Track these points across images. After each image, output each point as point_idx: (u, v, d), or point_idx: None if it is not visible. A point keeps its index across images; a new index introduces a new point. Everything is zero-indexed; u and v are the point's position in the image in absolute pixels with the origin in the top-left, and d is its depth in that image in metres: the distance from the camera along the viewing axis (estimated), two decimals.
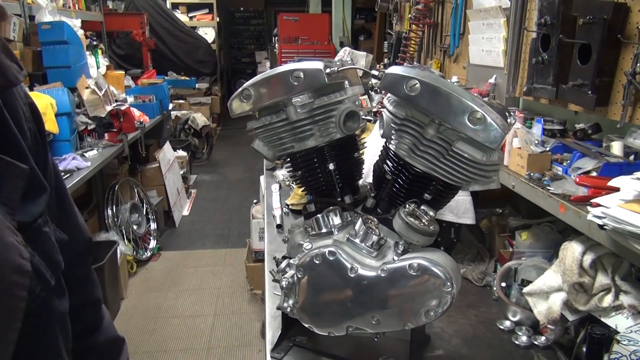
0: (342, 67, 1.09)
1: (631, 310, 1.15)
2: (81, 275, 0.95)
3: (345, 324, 1.08)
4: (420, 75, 0.95)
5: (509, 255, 1.63)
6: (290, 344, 1.30)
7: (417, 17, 3.00)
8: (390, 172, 1.08)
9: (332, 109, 1.09)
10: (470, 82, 2.33)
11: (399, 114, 1.02)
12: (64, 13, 4.01)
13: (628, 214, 0.95)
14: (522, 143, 1.44)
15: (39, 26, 3.44)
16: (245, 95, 1.10)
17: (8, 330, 0.61)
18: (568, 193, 1.23)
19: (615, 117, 1.32)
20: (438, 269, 0.98)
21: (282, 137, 1.12)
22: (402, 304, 1.01)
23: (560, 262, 1.25)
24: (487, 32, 2.10)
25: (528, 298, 1.40)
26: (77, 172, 2.93)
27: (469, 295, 1.64)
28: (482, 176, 0.99)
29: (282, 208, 2.25)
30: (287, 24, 7.09)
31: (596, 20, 1.29)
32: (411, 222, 0.99)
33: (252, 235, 3.52)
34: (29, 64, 3.41)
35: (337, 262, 1.04)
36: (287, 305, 1.13)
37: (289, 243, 1.23)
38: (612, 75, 1.33)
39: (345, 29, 7.64)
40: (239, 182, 6.50)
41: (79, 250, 0.93)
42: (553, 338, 1.35)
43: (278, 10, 9.74)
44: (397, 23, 3.79)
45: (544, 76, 1.58)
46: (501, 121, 0.92)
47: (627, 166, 1.23)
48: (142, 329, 3.33)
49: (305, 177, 1.18)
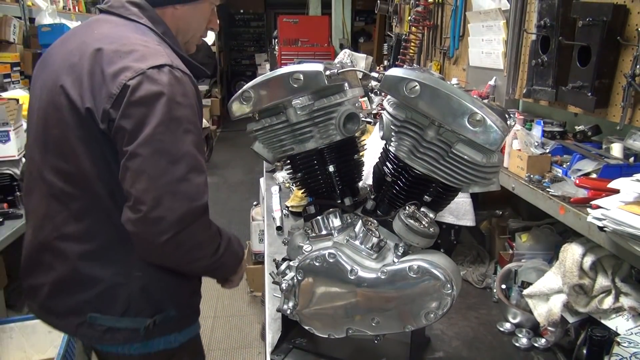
0: (342, 69, 1.09)
1: (631, 312, 1.14)
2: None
3: (345, 326, 1.08)
4: (420, 77, 0.95)
5: (509, 257, 1.62)
6: (290, 346, 1.29)
7: (417, 19, 3.00)
8: (390, 174, 1.08)
9: (332, 111, 1.09)
10: (470, 84, 2.33)
11: (398, 116, 1.02)
12: (64, 15, 4.02)
13: (628, 215, 0.95)
14: (522, 145, 1.44)
15: (39, 28, 3.45)
16: (245, 98, 1.10)
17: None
18: (568, 195, 1.23)
19: (615, 118, 1.32)
20: (438, 271, 0.98)
21: (282, 139, 1.12)
22: (402, 306, 1.01)
23: (561, 264, 1.25)
24: (486, 34, 2.10)
25: (528, 300, 1.39)
26: None
27: (469, 297, 1.64)
28: (482, 178, 0.99)
29: (282, 210, 2.25)
30: (287, 26, 7.09)
31: (596, 22, 1.29)
32: (411, 224, 0.99)
33: (252, 237, 3.52)
34: (29, 66, 3.42)
35: (337, 264, 1.04)
36: (287, 307, 1.13)
37: (289, 245, 1.23)
38: (611, 77, 1.33)
39: (345, 31, 7.64)
40: (239, 184, 6.49)
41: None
42: (553, 340, 1.35)
43: (278, 12, 9.74)
44: (397, 25, 3.79)
45: (543, 78, 1.58)
46: (501, 123, 0.92)
47: (627, 168, 1.22)
48: None
49: (305, 179, 1.18)
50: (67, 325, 1.22)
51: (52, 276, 1.18)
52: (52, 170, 1.14)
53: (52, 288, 1.19)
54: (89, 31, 1.18)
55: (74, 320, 1.19)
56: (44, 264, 1.20)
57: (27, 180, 1.23)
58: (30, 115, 1.23)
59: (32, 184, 1.20)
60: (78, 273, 1.16)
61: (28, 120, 1.25)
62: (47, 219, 1.17)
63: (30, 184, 1.21)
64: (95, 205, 1.14)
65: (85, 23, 1.27)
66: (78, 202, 1.14)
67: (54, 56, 1.19)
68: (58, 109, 1.11)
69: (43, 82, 1.17)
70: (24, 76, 3.35)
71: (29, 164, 1.22)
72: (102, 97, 1.06)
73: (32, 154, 1.20)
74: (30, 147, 1.22)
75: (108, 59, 1.07)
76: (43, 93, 1.16)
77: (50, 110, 1.13)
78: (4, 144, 2.24)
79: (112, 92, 1.04)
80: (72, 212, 1.14)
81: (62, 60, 1.14)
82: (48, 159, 1.15)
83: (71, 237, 1.15)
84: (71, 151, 1.11)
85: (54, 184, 1.14)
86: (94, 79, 1.07)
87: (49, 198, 1.16)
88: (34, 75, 1.25)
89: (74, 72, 1.10)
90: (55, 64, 1.15)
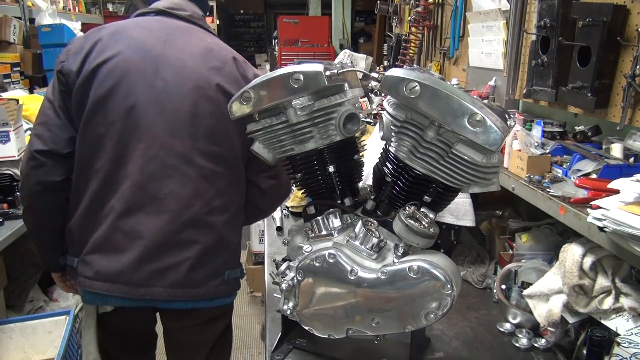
0: (342, 70, 1.09)
1: (631, 313, 1.14)
2: None
3: (345, 327, 1.08)
4: (420, 77, 0.95)
5: (509, 257, 1.63)
6: (290, 346, 1.30)
7: (417, 19, 3.00)
8: (390, 175, 1.08)
9: (332, 112, 1.09)
10: (470, 84, 2.33)
11: (398, 117, 1.02)
12: (64, 16, 4.02)
13: (628, 216, 0.95)
14: (522, 145, 1.44)
15: (39, 29, 3.45)
16: (245, 98, 1.10)
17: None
18: (568, 195, 1.23)
19: (615, 119, 1.32)
20: (438, 271, 0.98)
21: (282, 139, 1.12)
22: (402, 307, 1.01)
23: (561, 265, 1.25)
24: (486, 34, 2.10)
25: (528, 300, 1.39)
26: None
27: (469, 297, 1.64)
28: (482, 178, 0.99)
29: (282, 210, 2.25)
30: (287, 26, 7.10)
31: (596, 22, 1.29)
32: (411, 224, 0.99)
33: (251, 238, 3.52)
34: (29, 67, 3.42)
35: (337, 264, 1.04)
36: (287, 307, 1.13)
37: (289, 245, 1.23)
38: (611, 77, 1.33)
39: (345, 31, 7.65)
40: None
41: None
42: (553, 340, 1.35)
43: (278, 12, 9.75)
44: (397, 25, 3.79)
45: (543, 78, 1.58)
46: (501, 123, 0.92)
47: (627, 168, 1.23)
48: None
49: (305, 179, 1.18)
50: (206, 292, 1.37)
51: (196, 249, 1.33)
52: (203, 154, 1.32)
53: (196, 260, 1.33)
54: (192, 38, 1.38)
55: (213, 283, 1.37)
56: (185, 241, 1.32)
57: (155, 170, 1.31)
58: (153, 109, 1.31)
59: (168, 171, 1.31)
60: (221, 239, 1.37)
61: (145, 116, 1.31)
62: (195, 197, 1.32)
63: (163, 172, 1.31)
64: (235, 180, 1.40)
65: (165, 30, 1.38)
66: (224, 179, 1.36)
67: (166, 61, 1.33)
68: (214, 103, 1.32)
69: (174, 90, 1.32)
70: (23, 76, 3.36)
71: (162, 154, 1.31)
72: (239, 80, 1.36)
73: (169, 144, 1.31)
74: (159, 138, 1.30)
75: (242, 67, 1.40)
76: (183, 91, 1.31)
77: (202, 104, 1.31)
78: (4, 144, 2.24)
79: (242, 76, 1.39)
80: (219, 189, 1.35)
81: (194, 63, 1.33)
82: (199, 145, 1.32)
83: (218, 210, 1.36)
84: (225, 137, 1.34)
85: (205, 166, 1.33)
86: (245, 82, 1.32)
87: (198, 179, 1.33)
88: (129, 79, 1.30)
89: (226, 75, 1.35)
90: (184, 67, 1.33)
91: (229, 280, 1.42)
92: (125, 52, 1.30)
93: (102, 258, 1.30)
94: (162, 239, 1.30)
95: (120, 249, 1.30)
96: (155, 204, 1.31)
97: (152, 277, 1.31)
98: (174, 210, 1.31)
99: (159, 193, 1.31)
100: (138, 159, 1.29)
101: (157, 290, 1.32)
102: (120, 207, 1.29)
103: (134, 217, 1.30)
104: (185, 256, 1.32)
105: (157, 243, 1.30)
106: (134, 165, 1.29)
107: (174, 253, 1.32)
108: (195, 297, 1.36)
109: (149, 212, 1.30)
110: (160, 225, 1.30)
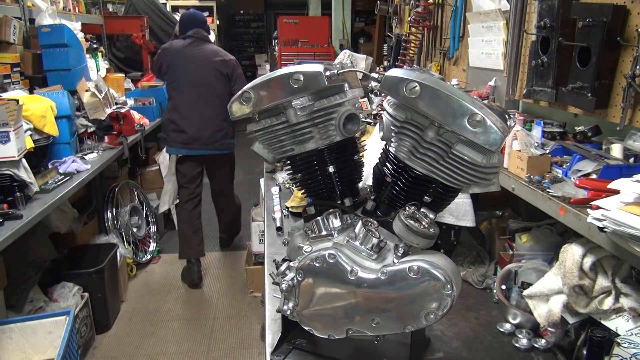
0: (342, 70, 1.09)
1: (631, 313, 1.14)
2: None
3: (345, 327, 1.08)
4: (420, 77, 0.95)
5: (509, 257, 1.63)
6: (290, 346, 1.29)
7: (417, 19, 3.00)
8: (390, 175, 1.08)
9: (332, 112, 1.09)
10: (470, 84, 2.33)
11: (398, 117, 1.02)
12: (64, 16, 4.01)
13: (628, 216, 0.95)
14: (522, 145, 1.44)
15: (39, 29, 3.45)
16: (245, 98, 1.10)
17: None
18: (568, 195, 1.23)
19: (615, 119, 1.32)
20: (438, 271, 0.97)
21: (282, 139, 1.12)
22: (402, 307, 1.01)
23: (561, 265, 1.25)
24: (486, 34, 2.11)
25: (528, 301, 1.39)
26: (77, 174, 2.94)
27: (469, 297, 1.64)
28: (482, 179, 0.99)
29: (282, 211, 2.25)
30: (287, 26, 7.10)
31: (596, 22, 1.29)
32: (411, 224, 0.99)
33: (252, 238, 3.52)
34: (29, 67, 3.42)
35: (337, 264, 1.04)
36: (287, 307, 1.13)
37: (289, 246, 1.23)
38: (611, 77, 1.33)
39: (345, 31, 7.66)
40: (239, 184, 6.46)
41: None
42: (553, 341, 1.35)
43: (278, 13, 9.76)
44: (397, 26, 3.80)
45: (543, 79, 1.58)
46: (501, 124, 0.92)
47: (627, 168, 1.23)
48: (142, 331, 3.32)
49: (305, 179, 1.18)
50: (220, 146, 3.81)
51: (213, 130, 3.73)
52: (211, 95, 3.70)
53: (210, 135, 3.73)
54: (204, 46, 3.78)
55: (219, 141, 3.77)
56: (206, 128, 3.72)
57: (196, 100, 3.72)
58: (190, 80, 3.72)
59: (200, 100, 3.72)
60: (222, 127, 3.77)
61: (184, 83, 3.74)
62: (211, 111, 3.71)
63: (193, 105, 3.71)
64: (222, 102, 3.37)
65: (194, 44, 3.78)
66: (220, 105, 3.64)
67: (195, 56, 3.72)
68: (215, 75, 3.72)
69: (199, 68, 3.71)
70: (23, 77, 3.35)
71: (194, 99, 3.72)
72: (229, 69, 3.78)
73: (200, 90, 3.70)
74: (192, 93, 3.71)
75: (224, 59, 3.79)
76: (202, 71, 3.71)
77: (211, 75, 3.72)
78: (4, 144, 2.24)
79: (231, 67, 3.80)
80: (218, 108, 3.68)
81: (207, 58, 3.72)
82: (210, 91, 3.71)
83: (220, 117, 3.72)
84: (219, 88, 3.73)
85: (213, 100, 3.70)
86: (228, 65, 3.78)
87: (206, 105, 3.70)
88: (182, 63, 3.72)
89: (220, 64, 3.74)
90: (203, 59, 3.71)
91: (228, 143, 3.84)
92: (179, 55, 3.73)
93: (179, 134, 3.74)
94: (200, 125, 3.69)
95: (186, 130, 3.71)
96: (192, 114, 3.68)
97: (194, 140, 3.71)
98: (201, 115, 3.70)
99: (192, 111, 3.68)
100: (190, 96, 3.71)
101: (197, 145, 3.73)
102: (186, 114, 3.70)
103: (190, 119, 3.70)
104: (205, 133, 3.70)
105: (197, 127, 3.69)
106: (189, 97, 3.72)
107: (202, 131, 3.70)
108: (216, 149, 3.78)
109: (195, 117, 3.68)
110: (197, 118, 3.68)
